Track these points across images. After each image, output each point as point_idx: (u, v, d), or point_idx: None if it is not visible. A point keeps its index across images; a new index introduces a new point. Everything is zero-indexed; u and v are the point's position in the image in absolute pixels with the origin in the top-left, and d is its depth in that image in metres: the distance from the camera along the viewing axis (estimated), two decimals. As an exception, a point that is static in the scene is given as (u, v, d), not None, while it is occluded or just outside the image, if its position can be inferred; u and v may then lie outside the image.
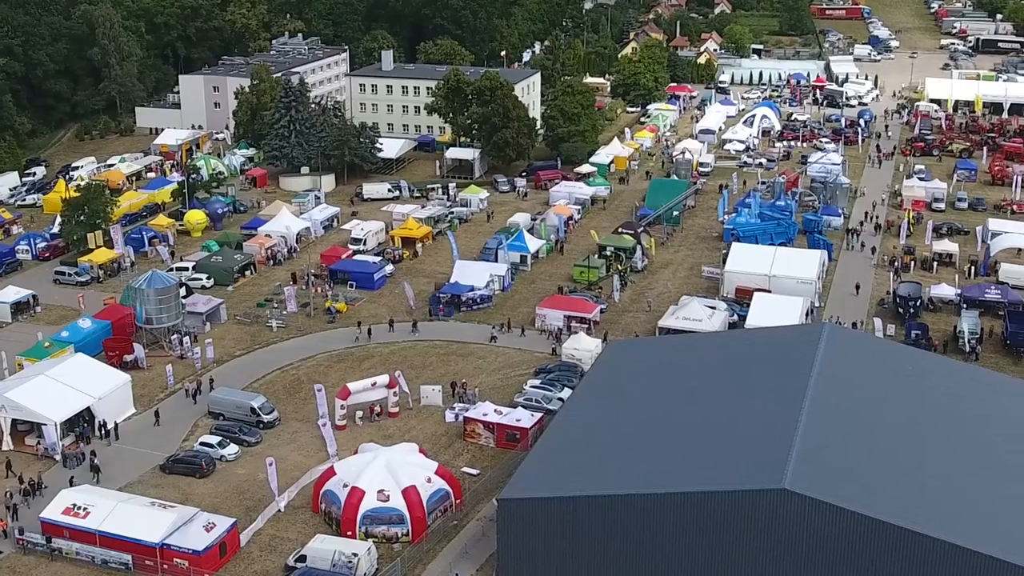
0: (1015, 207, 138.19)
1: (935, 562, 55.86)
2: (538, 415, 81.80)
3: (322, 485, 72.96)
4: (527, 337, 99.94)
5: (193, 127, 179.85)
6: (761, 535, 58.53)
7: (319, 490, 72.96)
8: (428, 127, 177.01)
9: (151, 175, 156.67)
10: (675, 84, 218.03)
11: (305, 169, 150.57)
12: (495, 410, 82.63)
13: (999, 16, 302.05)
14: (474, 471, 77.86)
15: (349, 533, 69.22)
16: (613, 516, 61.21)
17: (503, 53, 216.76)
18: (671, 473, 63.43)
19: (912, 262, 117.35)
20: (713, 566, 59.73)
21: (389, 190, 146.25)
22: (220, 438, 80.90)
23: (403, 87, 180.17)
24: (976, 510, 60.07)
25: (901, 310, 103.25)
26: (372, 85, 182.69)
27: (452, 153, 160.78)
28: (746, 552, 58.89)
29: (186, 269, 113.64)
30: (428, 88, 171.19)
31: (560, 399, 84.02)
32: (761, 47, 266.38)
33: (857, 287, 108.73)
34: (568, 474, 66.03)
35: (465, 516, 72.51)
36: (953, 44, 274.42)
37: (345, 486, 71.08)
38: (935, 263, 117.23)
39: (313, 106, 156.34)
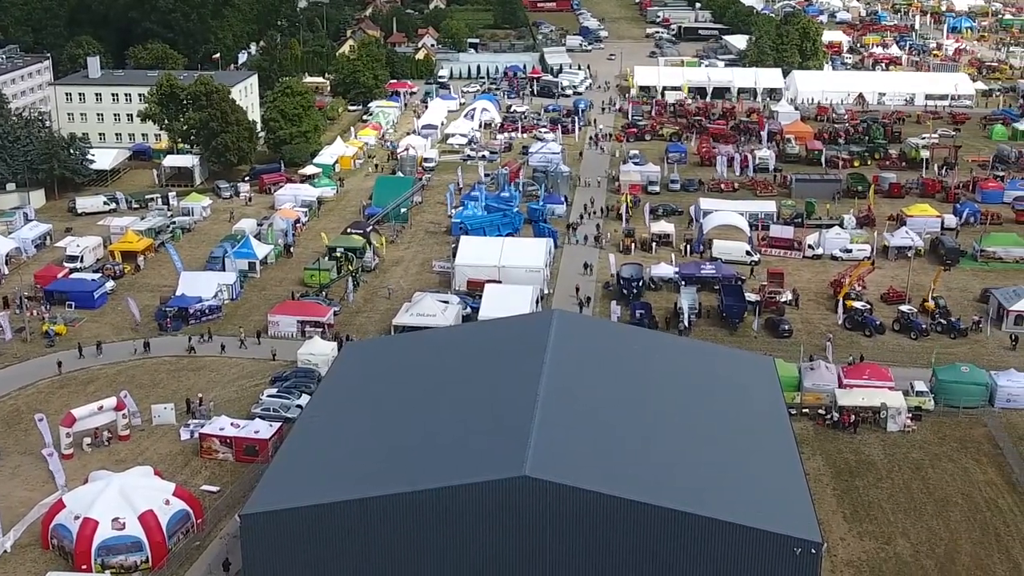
0: (722, 186, 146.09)
1: (672, 532, 58.27)
2: (277, 425, 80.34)
3: (51, 519, 69.08)
4: (227, 347, 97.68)
5: None
6: (508, 523, 59.34)
7: (48, 525, 69.05)
8: (143, 135, 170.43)
9: None
10: (395, 81, 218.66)
11: (11, 185, 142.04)
12: (231, 423, 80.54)
13: (698, 5, 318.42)
14: (214, 488, 75.66)
15: (84, 567, 65.86)
16: (360, 520, 60.67)
17: (217, 55, 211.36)
18: (415, 471, 63.37)
19: (633, 244, 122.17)
20: (466, 559, 60.08)
21: (105, 203, 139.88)
22: (-67, 480, 75.53)
23: (113, 94, 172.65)
24: (704, 478, 63.16)
25: (625, 291, 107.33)
26: (80, 94, 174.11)
27: (170, 161, 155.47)
28: (497, 542, 59.53)
29: None
30: (140, 95, 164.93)
31: (299, 406, 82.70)
32: (477, 41, 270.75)
33: (577, 289, 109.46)
34: (311, 482, 64.99)
35: (207, 535, 70.41)
36: (658, 32, 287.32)
37: (76, 518, 67.55)
38: (654, 244, 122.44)
39: (15, 118, 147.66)
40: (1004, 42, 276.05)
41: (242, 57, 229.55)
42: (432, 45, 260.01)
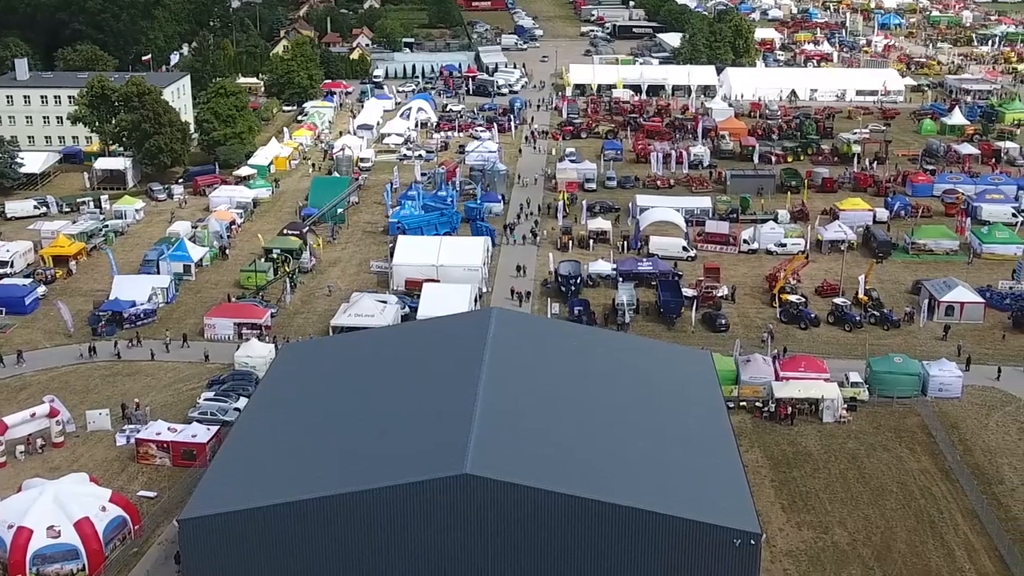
0: (658, 182, 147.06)
1: (614, 526, 58.73)
2: (214, 428, 79.56)
3: (-16, 529, 67.94)
4: (156, 353, 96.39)
5: None
6: (450, 521, 59.34)
7: (-19, 535, 67.92)
8: (74, 138, 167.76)
9: None
10: (330, 81, 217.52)
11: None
12: (168, 428, 79.61)
13: (632, 3, 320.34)
14: (151, 494, 74.76)
15: (19, 576, 64.96)
16: (300, 522, 60.28)
17: (148, 57, 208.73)
18: (357, 471, 63.12)
19: (570, 241, 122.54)
20: (408, 559, 59.97)
21: (35, 207, 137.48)
22: None
23: (42, 97, 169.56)
24: (644, 472, 63.59)
25: (563, 288, 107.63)
26: (7, 96, 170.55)
27: (102, 163, 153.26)
28: (439, 540, 59.49)
29: None
30: (70, 97, 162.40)
31: (236, 409, 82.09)
32: (412, 40, 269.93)
33: (512, 291, 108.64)
34: (250, 485, 64.44)
35: (145, 542, 69.53)
36: (592, 31, 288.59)
37: (10, 527, 66.33)
38: (591, 241, 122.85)
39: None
40: (932, 38, 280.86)
41: (174, 58, 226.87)
42: (367, 45, 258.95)
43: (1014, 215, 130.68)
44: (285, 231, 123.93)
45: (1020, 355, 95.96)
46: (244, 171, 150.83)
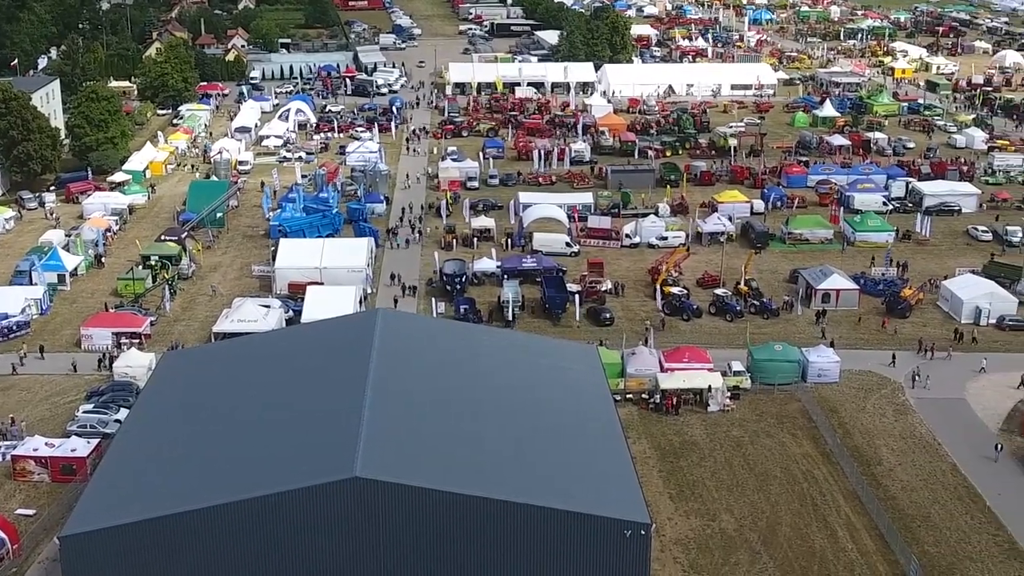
0: (540, 179, 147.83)
1: (505, 523, 58.89)
2: (95, 441, 77.52)
3: None
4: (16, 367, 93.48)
5: None
6: (341, 526, 58.76)
7: None
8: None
9: None
10: (206, 83, 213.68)
11: None
12: (46, 443, 77.33)
13: (509, 1, 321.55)
14: (30, 512, 72.53)
15: None
16: (188, 534, 59.02)
17: (15, 62, 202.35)
18: (243, 479, 62.08)
19: (454, 240, 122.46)
20: (300, 567, 59.20)
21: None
22: None
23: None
24: (534, 467, 63.88)
25: (448, 287, 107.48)
26: None
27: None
28: (330, 545, 58.86)
29: None
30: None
31: (117, 421, 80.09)
32: (289, 41, 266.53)
33: (396, 301, 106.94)
34: (134, 499, 62.80)
35: (25, 561, 67.45)
36: (471, 29, 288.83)
37: None
38: (475, 239, 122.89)
39: None
40: (802, 33, 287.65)
41: (42, 62, 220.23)
42: (242, 46, 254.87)
43: (884, 204, 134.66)
44: (163, 237, 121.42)
45: (892, 339, 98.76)
46: (119, 177, 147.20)
